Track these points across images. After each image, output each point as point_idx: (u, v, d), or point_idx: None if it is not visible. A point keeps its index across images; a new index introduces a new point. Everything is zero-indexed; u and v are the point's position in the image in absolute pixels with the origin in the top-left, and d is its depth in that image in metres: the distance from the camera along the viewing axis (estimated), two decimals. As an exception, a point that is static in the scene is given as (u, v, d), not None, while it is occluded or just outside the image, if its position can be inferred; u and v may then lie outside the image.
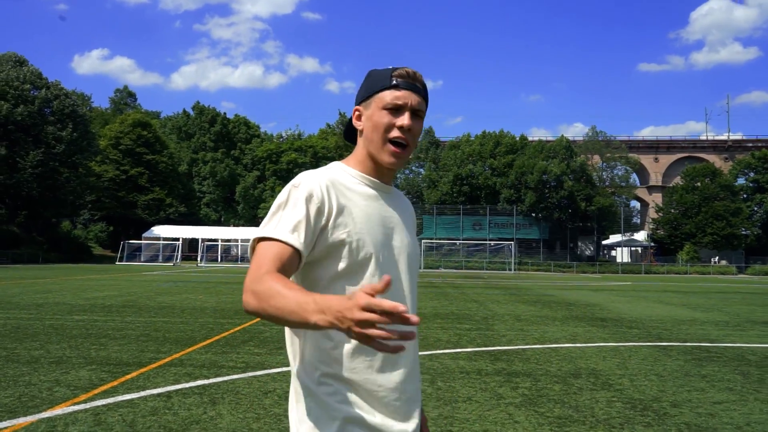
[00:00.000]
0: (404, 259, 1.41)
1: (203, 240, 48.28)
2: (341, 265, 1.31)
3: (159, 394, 4.74)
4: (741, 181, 57.75)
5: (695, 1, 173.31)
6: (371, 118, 1.38)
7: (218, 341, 7.55)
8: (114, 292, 15.30)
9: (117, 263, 43.64)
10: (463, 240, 51.41)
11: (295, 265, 1.26)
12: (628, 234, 58.39)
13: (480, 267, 47.19)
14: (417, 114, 1.37)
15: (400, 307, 0.94)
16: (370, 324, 0.95)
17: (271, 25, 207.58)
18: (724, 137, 77.78)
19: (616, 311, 12.94)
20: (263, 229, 1.28)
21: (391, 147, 1.36)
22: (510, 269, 45.56)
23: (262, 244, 1.26)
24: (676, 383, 5.58)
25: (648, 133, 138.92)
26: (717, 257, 53.59)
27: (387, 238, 1.38)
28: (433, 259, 48.90)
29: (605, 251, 61.98)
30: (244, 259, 49.12)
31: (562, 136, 54.19)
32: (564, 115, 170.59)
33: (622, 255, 59.34)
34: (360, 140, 1.43)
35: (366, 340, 0.97)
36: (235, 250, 50.73)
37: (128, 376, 5.38)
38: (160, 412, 4.24)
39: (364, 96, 1.41)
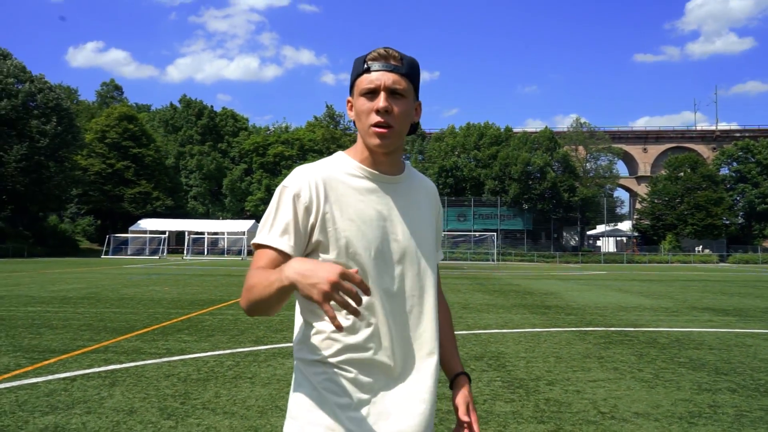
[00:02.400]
0: (408, 254, 1.38)
1: (189, 233, 48.52)
2: (336, 260, 1.32)
3: (64, 378, 5.03)
4: (725, 171, 58.23)
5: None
6: (355, 106, 1.37)
7: (155, 330, 7.84)
8: (82, 285, 15.55)
9: (102, 257, 43.81)
10: (447, 231, 51.77)
11: None
12: (613, 224, 58.88)
13: (464, 258, 47.58)
14: (395, 92, 1.34)
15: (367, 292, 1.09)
16: (339, 288, 1.05)
17: (267, 17, 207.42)
18: (713, 127, 78.20)
19: (567, 299, 13.28)
20: (258, 236, 1.33)
21: (374, 130, 1.33)
22: (493, 260, 45.96)
23: (258, 251, 1.33)
24: (569, 364, 5.91)
25: (643, 123, 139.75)
26: (700, 246, 54.13)
27: (384, 234, 1.36)
28: (418, 250, 49.17)
29: (590, 241, 62.49)
30: (230, 251, 49.42)
31: (546, 127, 54.52)
32: (559, 106, 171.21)
33: (606, 245, 59.88)
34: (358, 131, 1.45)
35: (323, 300, 1.06)
36: (222, 243, 50.95)
37: (45, 362, 5.67)
38: (56, 393, 4.53)
39: (350, 86, 1.41)
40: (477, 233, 51.28)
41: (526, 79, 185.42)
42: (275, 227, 1.31)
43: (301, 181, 1.33)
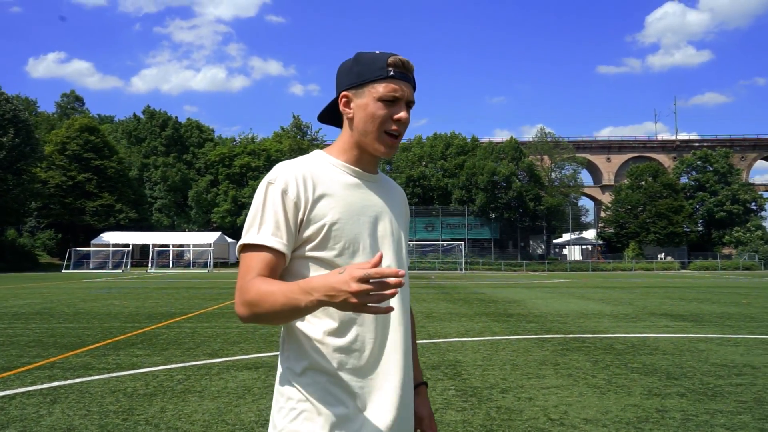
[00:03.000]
0: (389, 248, 1.37)
1: (154, 245, 47.60)
2: (323, 256, 1.29)
3: (2, 396, 4.84)
4: (684, 179, 59.75)
5: (650, 5, 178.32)
6: (365, 108, 1.33)
7: (107, 345, 7.62)
8: (37, 300, 15.08)
9: (63, 271, 42.66)
10: (415, 241, 51.89)
11: (281, 265, 1.28)
12: (578, 233, 59.82)
13: (432, 267, 47.70)
14: (409, 105, 1.36)
15: (400, 271, 1.03)
16: (366, 293, 1.03)
17: (234, 28, 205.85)
18: (673, 137, 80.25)
19: (530, 307, 13.38)
20: (247, 235, 1.28)
21: (387, 139, 1.33)
22: (461, 269, 46.20)
23: (247, 254, 1.27)
24: (524, 372, 5.92)
25: (607, 133, 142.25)
26: (663, 254, 55.32)
27: (370, 227, 1.34)
28: (386, 260, 49.17)
29: (556, 250, 63.34)
30: (196, 263, 48.65)
31: (512, 137, 55.21)
32: (526, 116, 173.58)
33: (572, 253, 60.76)
34: (347, 127, 1.39)
35: (361, 309, 1.05)
36: (188, 255, 50.11)
37: (-15, 380, 5.44)
38: (-8, 412, 4.35)
39: (356, 82, 1.34)
40: (445, 242, 51.49)
41: (494, 90, 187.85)
42: (265, 225, 1.26)
43: (288, 176, 1.29)
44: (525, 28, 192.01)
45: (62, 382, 5.38)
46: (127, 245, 46.99)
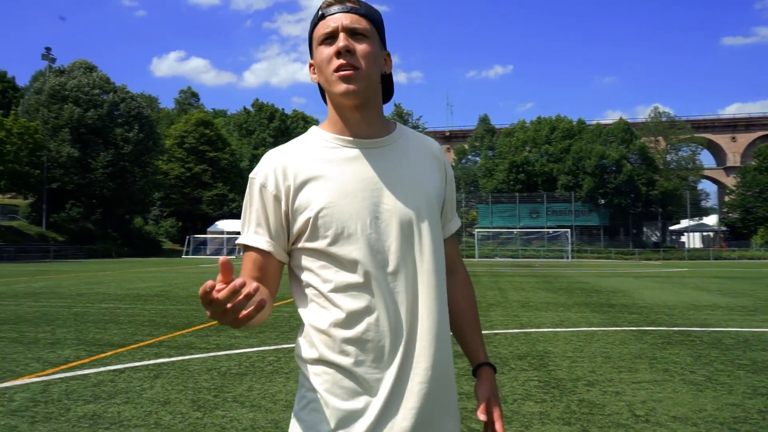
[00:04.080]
0: (394, 226, 1.20)
1: (264, 233, 50.02)
2: (315, 246, 1.20)
3: (114, 370, 5.32)
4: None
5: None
6: (316, 59, 1.25)
7: (210, 327, 8.14)
8: (157, 283, 16.36)
9: (183, 257, 45.94)
10: (520, 228, 50.76)
11: (274, 263, 1.24)
12: (697, 218, 55.82)
13: (537, 256, 46.51)
14: (356, 32, 1.21)
15: (253, 285, 0.92)
16: (216, 311, 0.95)
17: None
18: (810, 113, 72.71)
19: (635, 297, 12.71)
20: (240, 236, 1.28)
21: (338, 75, 1.19)
22: (567, 257, 44.67)
23: (244, 252, 1.27)
24: (615, 365, 5.66)
25: (734, 110, 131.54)
26: (796, 241, 50.42)
27: (371, 204, 1.19)
28: (489, 248, 48.60)
29: (673, 237, 59.52)
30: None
31: (621, 118, 52.40)
32: (641, 96, 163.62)
33: (691, 241, 56.82)
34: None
35: (222, 323, 0.99)
36: (295, 242, 52.15)
37: (101, 355, 6.01)
38: (102, 384, 4.80)
39: (308, 46, 1.28)
40: (550, 230, 50.01)
41: (604, 69, 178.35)
42: (250, 225, 1.25)
43: (267, 169, 1.23)
44: (638, 2, 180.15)
45: (166, 359, 5.82)
46: (238, 233, 49.61)
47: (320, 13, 1.24)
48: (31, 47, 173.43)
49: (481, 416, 1.26)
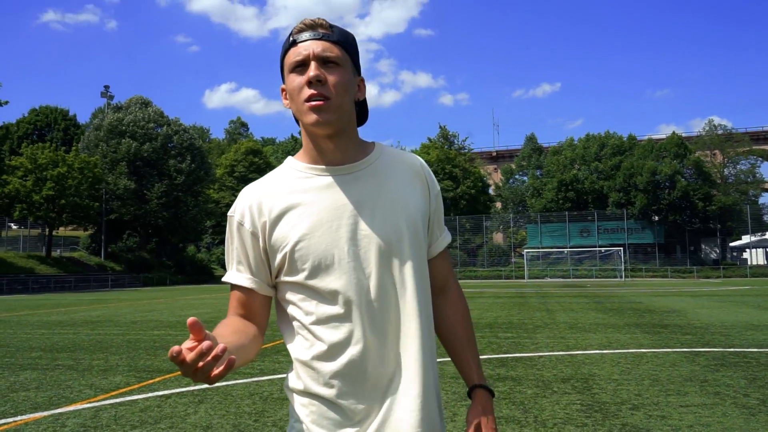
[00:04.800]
0: (373, 251, 1.19)
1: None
2: (295, 280, 1.20)
3: (161, 396, 5.48)
4: None
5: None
6: (287, 86, 1.22)
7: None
8: (207, 310, 16.76)
9: (234, 283, 46.86)
10: (570, 248, 49.72)
11: (258, 298, 1.25)
12: (760, 234, 53.44)
13: (588, 275, 45.40)
14: (328, 60, 1.18)
15: (203, 346, 0.89)
16: (187, 371, 0.93)
17: (384, 45, 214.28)
18: None
19: (690, 317, 12.26)
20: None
21: (309, 105, 1.16)
22: (620, 276, 43.40)
23: (230, 290, 1.27)
24: (663, 387, 5.48)
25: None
26: None
27: (349, 231, 1.18)
28: (539, 269, 47.76)
29: (734, 254, 57.08)
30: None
31: (674, 132, 50.98)
32: (695, 108, 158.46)
33: (754, 257, 54.37)
34: None
35: (195, 381, 0.95)
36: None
37: (150, 381, 6.20)
38: (149, 409, 4.96)
39: (280, 71, 1.25)
40: (602, 248, 48.78)
41: (656, 82, 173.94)
42: (232, 263, 1.26)
43: (243, 206, 1.23)
44: (693, 8, 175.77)
45: (209, 386, 5.95)
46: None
47: (291, 39, 1.21)
48: (91, 85, 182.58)
49: None
